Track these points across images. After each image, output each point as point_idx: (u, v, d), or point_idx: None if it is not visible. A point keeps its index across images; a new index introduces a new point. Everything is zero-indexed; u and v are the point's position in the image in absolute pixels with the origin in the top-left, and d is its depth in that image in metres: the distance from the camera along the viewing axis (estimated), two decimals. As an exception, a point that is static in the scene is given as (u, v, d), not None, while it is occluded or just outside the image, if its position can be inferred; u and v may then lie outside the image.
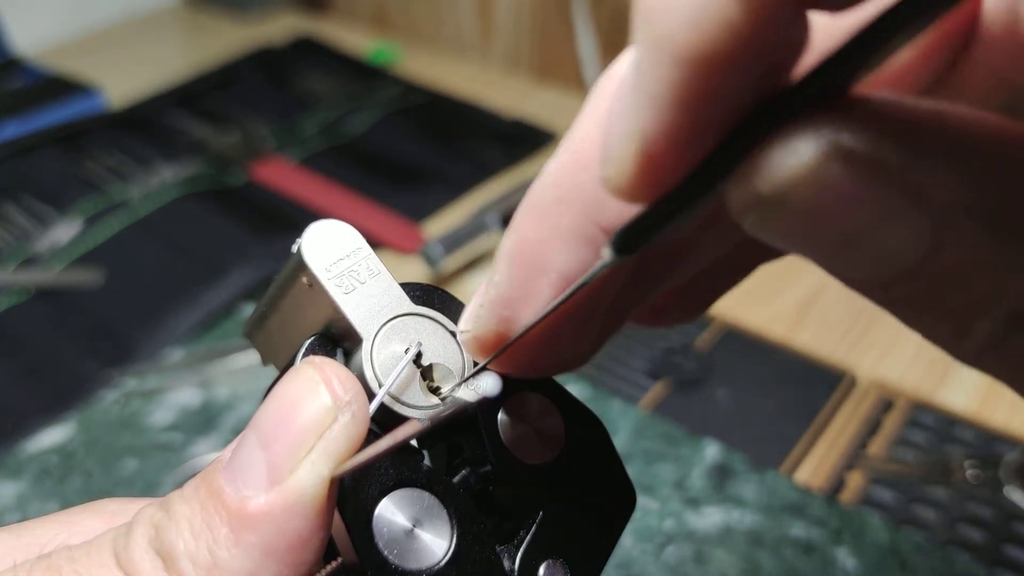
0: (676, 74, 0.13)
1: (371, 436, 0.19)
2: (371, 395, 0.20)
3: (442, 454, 0.24)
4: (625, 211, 0.17)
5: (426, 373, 0.22)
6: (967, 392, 0.56)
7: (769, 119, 0.14)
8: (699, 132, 0.14)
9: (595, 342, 0.22)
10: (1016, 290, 0.15)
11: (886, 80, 0.18)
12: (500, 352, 0.20)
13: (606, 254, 0.16)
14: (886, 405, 0.55)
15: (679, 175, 0.15)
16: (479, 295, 0.20)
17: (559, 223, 0.19)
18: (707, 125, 0.14)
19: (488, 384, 0.16)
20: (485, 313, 0.20)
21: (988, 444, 0.52)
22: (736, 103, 0.14)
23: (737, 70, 0.13)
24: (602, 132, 0.15)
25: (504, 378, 0.22)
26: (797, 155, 0.14)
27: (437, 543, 0.20)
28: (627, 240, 0.16)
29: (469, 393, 0.22)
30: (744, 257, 0.24)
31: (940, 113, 0.14)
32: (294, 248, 0.21)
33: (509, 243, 0.19)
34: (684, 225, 0.16)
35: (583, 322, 0.20)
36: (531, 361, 0.21)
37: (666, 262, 0.21)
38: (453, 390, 0.22)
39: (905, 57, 0.18)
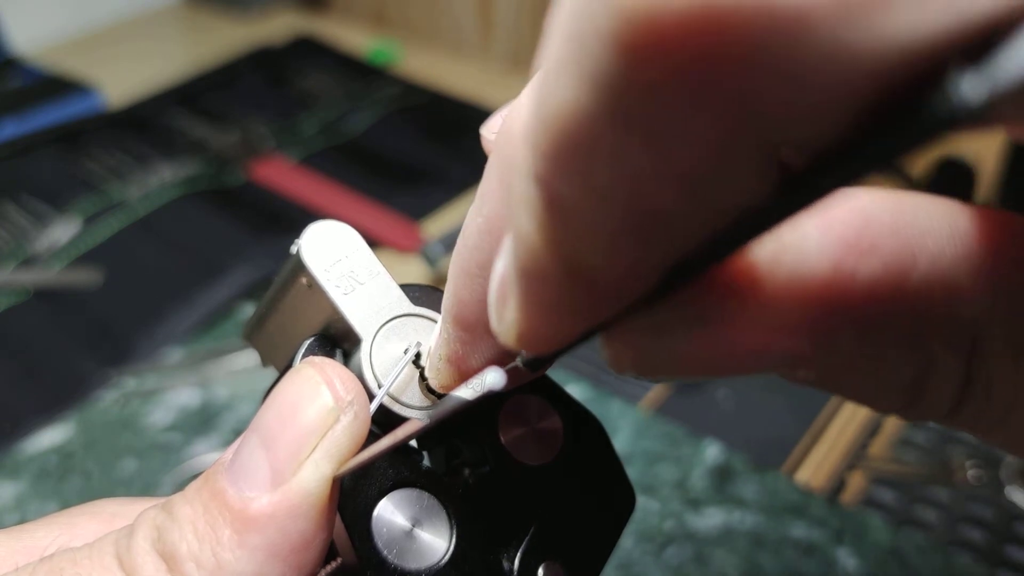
0: (541, 307, 0.15)
1: (370, 437, 0.19)
2: (370, 395, 0.20)
3: (441, 455, 0.24)
4: None
5: (425, 373, 0.22)
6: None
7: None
8: (566, 333, 0.16)
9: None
10: (896, 375, 0.17)
11: None
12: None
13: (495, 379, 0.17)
14: (886, 405, 0.55)
15: (557, 347, 0.16)
16: (436, 347, 0.21)
17: (481, 288, 0.19)
18: (575, 329, 0.15)
19: (492, 378, 0.16)
20: (444, 369, 0.20)
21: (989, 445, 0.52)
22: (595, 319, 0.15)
23: (594, 312, 0.15)
24: (489, 292, 0.16)
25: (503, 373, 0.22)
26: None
27: (436, 543, 0.20)
28: (533, 364, 0.18)
29: (469, 392, 0.22)
30: None
31: (776, 260, 0.16)
32: (293, 249, 0.21)
33: (449, 305, 0.19)
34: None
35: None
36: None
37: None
38: (459, 388, 0.22)
39: None
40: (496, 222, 0.18)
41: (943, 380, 0.17)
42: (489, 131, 0.20)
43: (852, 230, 0.16)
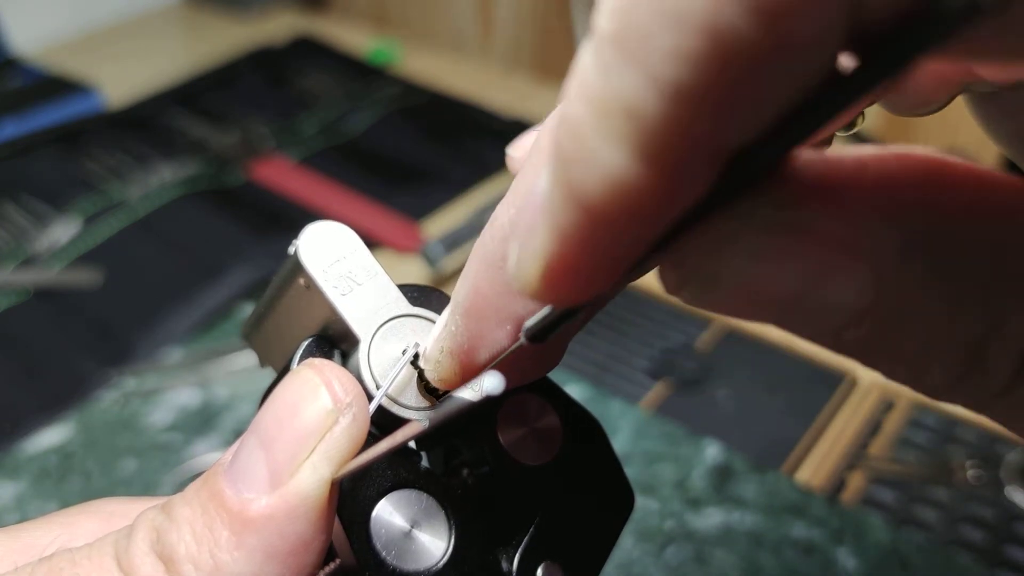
0: (583, 222, 0.13)
1: (369, 438, 0.19)
2: (369, 396, 0.20)
3: (440, 455, 0.24)
4: None
5: (423, 374, 0.22)
6: (968, 392, 0.56)
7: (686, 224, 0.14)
8: (599, 268, 0.14)
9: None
10: (964, 328, 0.15)
11: None
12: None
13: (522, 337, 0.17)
14: (887, 405, 0.55)
15: (581, 294, 0.15)
16: (437, 340, 0.20)
17: (501, 279, 0.19)
18: (608, 263, 0.14)
19: (491, 383, 0.16)
20: (445, 362, 0.20)
21: (989, 444, 0.52)
22: (641, 243, 0.14)
23: (644, 224, 0.13)
24: (511, 233, 0.16)
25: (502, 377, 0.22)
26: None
27: (435, 544, 0.20)
28: (537, 332, 0.17)
29: (468, 393, 0.22)
30: None
31: (863, 164, 0.14)
32: (291, 250, 0.21)
33: (464, 295, 0.19)
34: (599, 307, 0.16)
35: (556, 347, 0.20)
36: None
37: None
38: (459, 390, 0.22)
39: None
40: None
41: (1008, 344, 0.15)
42: (516, 150, 0.19)
43: (939, 162, 0.15)
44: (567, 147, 0.13)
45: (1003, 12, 0.10)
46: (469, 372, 0.20)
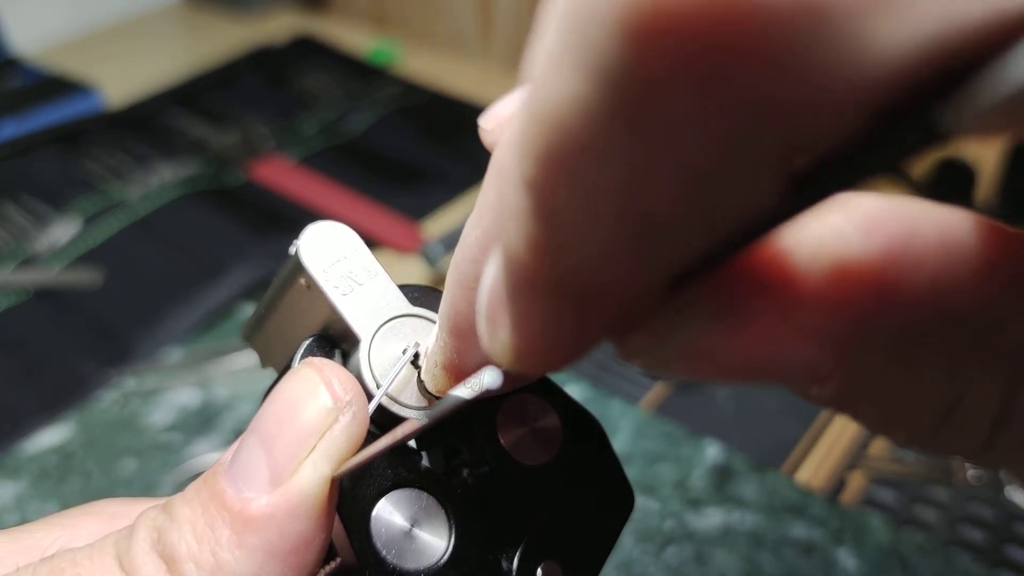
0: (538, 315, 0.14)
1: (369, 437, 0.19)
2: (369, 396, 0.20)
3: (440, 455, 0.24)
4: None
5: (422, 378, 0.22)
6: None
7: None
8: (568, 347, 0.15)
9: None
10: (929, 399, 0.16)
11: None
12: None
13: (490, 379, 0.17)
14: (886, 405, 0.55)
15: (557, 365, 0.15)
16: (431, 355, 0.20)
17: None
18: (576, 342, 0.15)
19: (489, 378, 0.16)
20: (440, 375, 0.20)
21: (988, 444, 0.52)
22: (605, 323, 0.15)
23: (599, 318, 0.14)
24: (478, 312, 0.16)
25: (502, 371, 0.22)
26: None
27: (435, 543, 0.20)
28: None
29: (467, 391, 0.22)
30: None
31: (813, 256, 0.15)
32: (292, 250, 0.21)
33: (445, 315, 0.19)
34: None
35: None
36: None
37: None
38: (458, 388, 0.22)
39: None
40: (494, 234, 0.17)
41: (978, 409, 0.15)
42: (487, 121, 0.19)
43: (899, 239, 0.15)
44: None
45: (957, 136, 0.10)
46: (463, 379, 0.20)
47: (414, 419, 0.21)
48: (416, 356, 0.22)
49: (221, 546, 0.18)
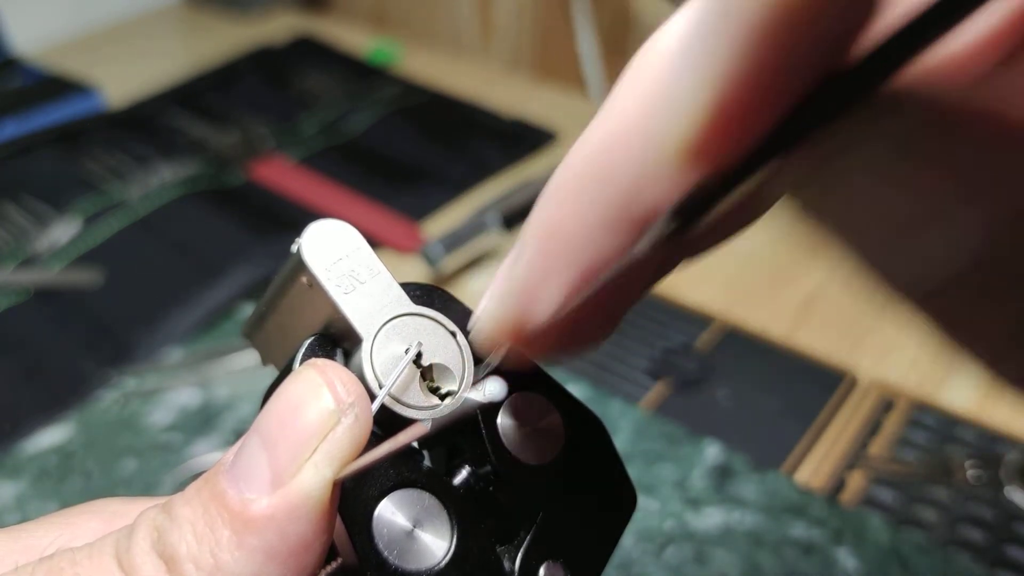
0: (760, 20, 0.12)
1: (372, 437, 0.19)
2: (371, 395, 0.20)
3: (442, 455, 0.24)
4: (663, 199, 0.16)
5: (426, 373, 0.22)
6: (968, 392, 0.56)
7: (832, 96, 0.13)
8: (767, 93, 0.13)
9: (613, 326, 0.21)
10: None
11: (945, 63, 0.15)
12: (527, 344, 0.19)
13: (661, 226, 0.15)
14: (887, 405, 0.55)
15: (737, 143, 0.14)
16: (496, 285, 0.20)
17: (590, 208, 0.17)
18: (777, 87, 0.13)
19: (492, 388, 0.16)
20: (505, 305, 0.19)
21: (989, 444, 0.52)
22: (806, 70, 0.13)
23: (819, 26, 0.12)
24: (647, 105, 0.14)
25: (506, 379, 0.22)
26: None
27: (437, 544, 0.20)
28: (687, 210, 0.15)
29: (475, 394, 0.22)
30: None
31: (1001, 114, 0.13)
32: (293, 248, 0.21)
33: (533, 229, 0.18)
34: (737, 197, 0.15)
35: (616, 309, 0.19)
36: (550, 349, 0.20)
37: (686, 250, 0.20)
38: (458, 391, 0.22)
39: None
40: (624, 134, 0.16)
41: None
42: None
43: None
44: None
45: None
46: (526, 318, 0.19)
47: (418, 423, 0.21)
48: (418, 355, 0.21)
49: (221, 547, 0.18)
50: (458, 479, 0.22)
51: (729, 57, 0.13)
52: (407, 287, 0.22)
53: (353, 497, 0.20)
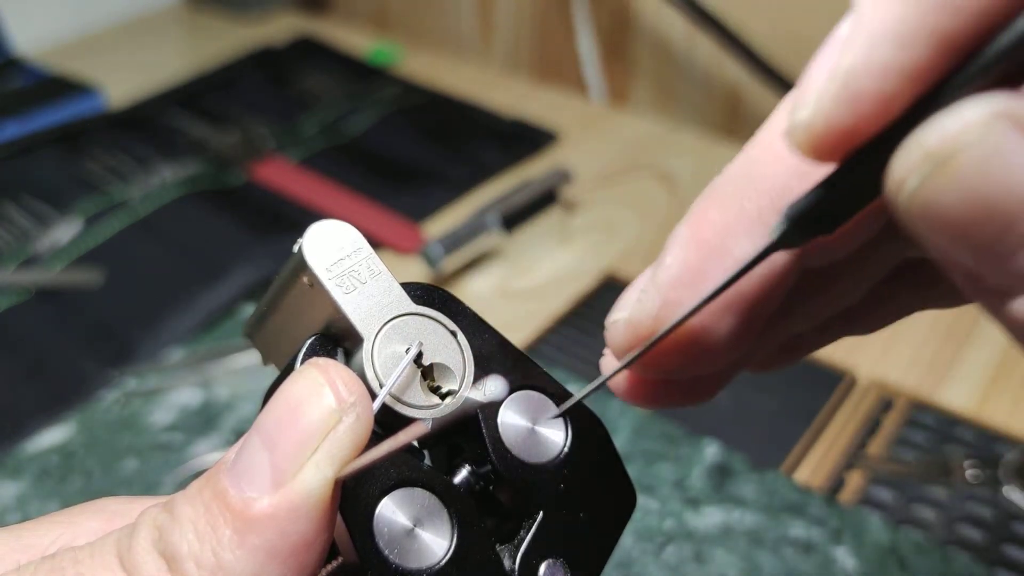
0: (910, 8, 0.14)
1: (373, 436, 0.19)
2: (372, 395, 0.20)
3: (443, 454, 0.24)
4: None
5: (427, 373, 0.22)
6: (967, 392, 0.56)
7: (960, 87, 0.14)
8: (908, 76, 0.14)
9: (732, 367, 0.21)
10: None
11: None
12: (654, 343, 0.19)
13: (777, 227, 0.17)
14: (886, 405, 0.55)
15: (871, 130, 0.15)
16: (640, 282, 0.20)
17: (743, 207, 0.18)
18: (917, 70, 0.14)
19: (495, 388, 0.16)
20: (649, 295, 0.19)
21: (988, 444, 0.52)
22: (949, 53, 0.14)
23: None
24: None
25: (507, 379, 0.22)
26: (969, 113, 0.14)
27: (437, 543, 0.20)
28: (803, 210, 0.17)
29: (474, 393, 0.22)
30: (849, 315, 0.24)
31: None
32: (295, 248, 0.21)
33: (687, 225, 0.19)
34: (856, 210, 0.16)
35: (741, 324, 0.19)
36: (676, 362, 0.20)
37: (810, 290, 0.21)
38: (458, 391, 0.22)
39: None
40: (778, 146, 0.17)
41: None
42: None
43: None
44: None
45: None
46: (668, 315, 0.19)
47: (418, 422, 0.21)
48: (419, 355, 0.22)
49: (222, 545, 0.18)
50: (458, 478, 0.22)
51: (874, 37, 0.14)
52: (408, 287, 0.22)
53: (354, 496, 0.20)
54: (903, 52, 0.14)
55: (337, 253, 0.21)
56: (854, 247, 0.19)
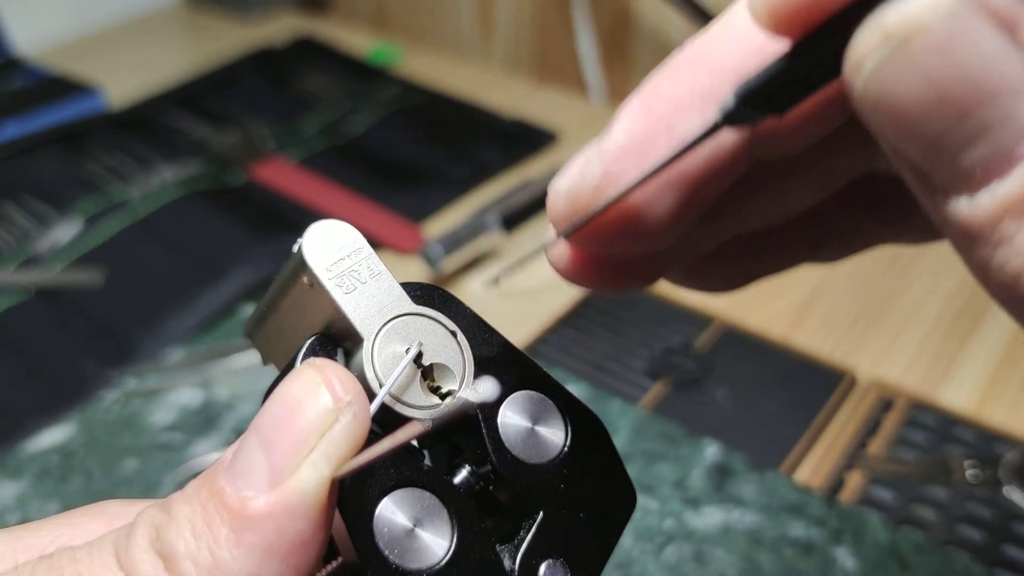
0: None
1: (372, 436, 0.19)
2: (372, 395, 0.20)
3: (442, 454, 0.24)
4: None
5: (427, 373, 0.22)
6: (967, 392, 0.56)
7: None
8: None
9: (670, 254, 0.21)
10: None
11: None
12: (589, 217, 0.19)
13: (725, 104, 0.16)
14: (886, 405, 0.55)
15: (833, 5, 0.15)
16: (585, 152, 0.19)
17: (696, 83, 0.18)
18: None
19: (487, 389, 0.16)
20: (593, 165, 0.19)
21: (987, 444, 0.52)
22: None
23: None
24: None
25: (504, 380, 0.22)
26: None
27: (437, 543, 0.20)
28: (753, 88, 0.16)
29: (471, 394, 0.22)
30: (811, 232, 0.23)
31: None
32: (295, 248, 0.21)
33: (638, 97, 0.18)
34: (810, 90, 0.16)
35: (683, 204, 0.19)
36: (614, 237, 0.20)
37: (762, 186, 0.21)
38: (458, 391, 0.22)
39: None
40: (738, 26, 0.17)
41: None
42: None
43: None
44: None
45: None
46: (608, 187, 0.19)
47: (416, 421, 0.21)
48: (419, 355, 0.22)
49: (219, 545, 0.18)
50: (458, 478, 0.22)
51: None
52: (407, 287, 0.22)
53: (354, 496, 0.20)
54: None
55: (337, 253, 0.21)
56: (808, 140, 0.19)
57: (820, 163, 0.21)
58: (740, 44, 0.18)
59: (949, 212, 0.15)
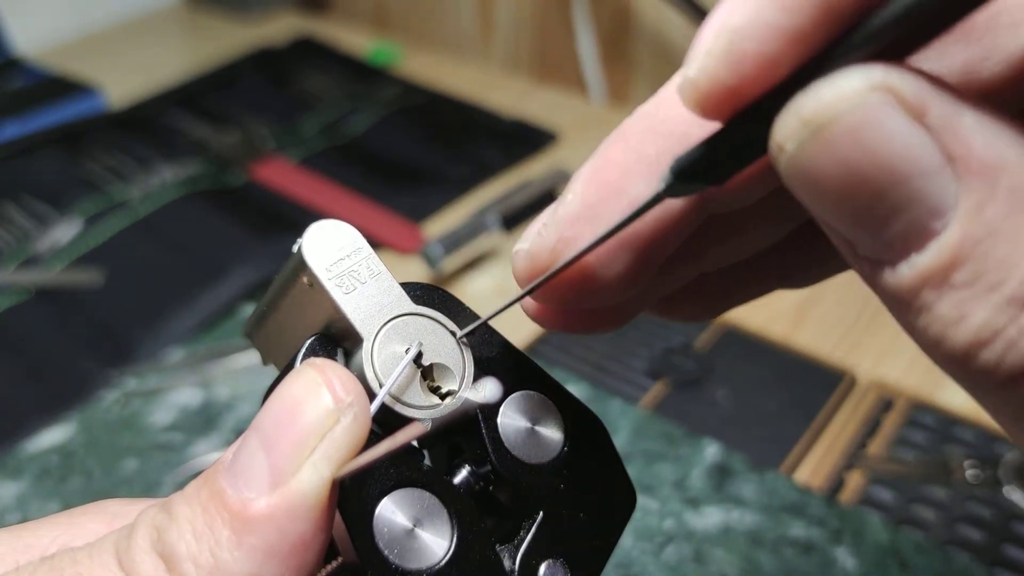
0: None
1: (372, 436, 0.19)
2: (372, 395, 0.20)
3: (442, 454, 0.24)
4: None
5: (426, 373, 0.22)
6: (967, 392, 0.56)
7: (842, 56, 0.14)
8: (791, 39, 0.15)
9: (635, 302, 0.22)
10: None
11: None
12: (549, 277, 0.20)
13: (665, 177, 0.17)
14: (886, 405, 0.55)
15: (756, 91, 0.15)
16: (544, 215, 0.20)
17: (643, 151, 0.19)
18: (800, 34, 0.15)
19: (489, 390, 0.16)
20: (549, 229, 0.20)
21: (988, 444, 0.52)
22: (833, 21, 0.15)
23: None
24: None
25: (504, 380, 0.22)
26: (846, 83, 0.14)
27: (437, 543, 0.20)
28: (686, 166, 0.17)
29: (471, 394, 0.22)
30: (777, 264, 0.24)
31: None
32: (295, 248, 0.21)
33: (589, 164, 0.19)
34: (741, 166, 0.17)
35: (636, 263, 0.20)
36: (572, 295, 0.21)
37: (719, 234, 0.22)
38: (458, 391, 0.22)
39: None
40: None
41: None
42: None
43: None
44: None
45: None
46: (564, 250, 0.20)
47: (416, 422, 0.21)
48: (419, 355, 0.22)
49: (220, 546, 0.18)
50: (458, 478, 0.22)
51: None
52: (407, 287, 0.22)
53: (354, 496, 0.20)
54: (786, 16, 0.15)
55: (337, 253, 0.21)
56: (756, 197, 0.20)
57: (775, 208, 0.21)
58: (683, 112, 0.18)
59: (875, 280, 0.16)
